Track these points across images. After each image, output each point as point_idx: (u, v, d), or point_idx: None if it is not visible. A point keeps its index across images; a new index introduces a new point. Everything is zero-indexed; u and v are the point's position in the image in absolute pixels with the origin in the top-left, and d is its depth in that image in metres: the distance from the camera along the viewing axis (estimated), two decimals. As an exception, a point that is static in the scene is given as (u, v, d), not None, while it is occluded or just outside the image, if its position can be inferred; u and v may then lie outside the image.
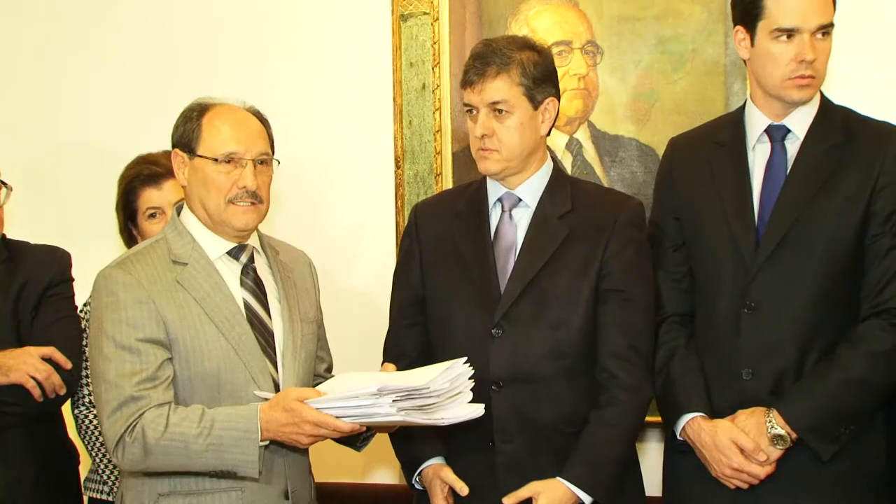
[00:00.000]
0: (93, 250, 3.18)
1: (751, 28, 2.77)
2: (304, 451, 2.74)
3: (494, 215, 2.89)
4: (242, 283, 2.68)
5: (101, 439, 3.20)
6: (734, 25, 2.84)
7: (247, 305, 2.65)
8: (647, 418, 2.88)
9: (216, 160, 2.62)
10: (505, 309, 2.78)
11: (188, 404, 2.54)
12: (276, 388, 2.63)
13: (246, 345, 2.60)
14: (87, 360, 3.15)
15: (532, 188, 2.87)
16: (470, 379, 2.53)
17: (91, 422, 3.21)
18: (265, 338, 2.65)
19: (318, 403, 2.45)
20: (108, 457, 3.21)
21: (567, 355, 2.78)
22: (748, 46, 2.80)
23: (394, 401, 2.39)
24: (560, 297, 2.78)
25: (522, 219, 2.87)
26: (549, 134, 2.88)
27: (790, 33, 2.71)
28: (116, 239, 3.35)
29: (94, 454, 3.24)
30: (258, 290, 2.69)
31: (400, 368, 2.66)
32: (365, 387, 2.40)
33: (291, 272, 2.80)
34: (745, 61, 2.86)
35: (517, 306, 2.77)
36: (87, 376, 3.19)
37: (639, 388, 2.79)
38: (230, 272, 2.67)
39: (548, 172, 2.90)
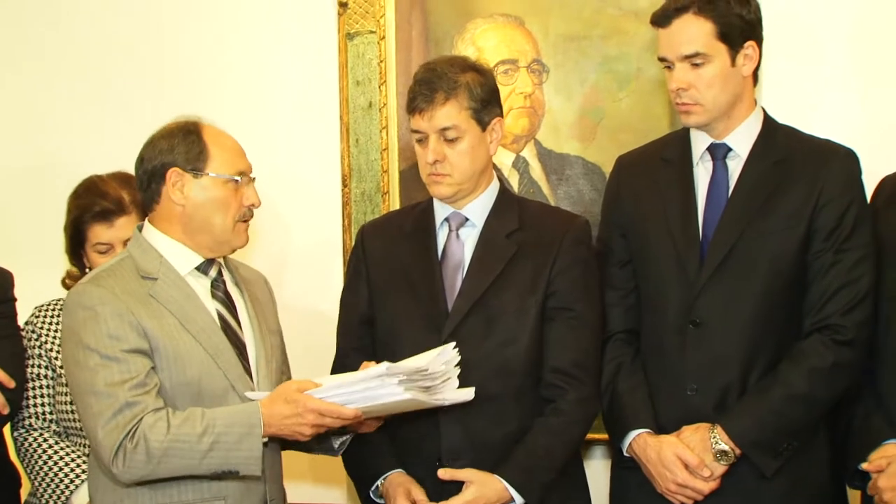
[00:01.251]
0: (35, 271, 3.14)
1: None
2: (278, 461, 2.75)
3: (441, 235, 2.90)
4: (214, 296, 2.68)
5: (39, 462, 3.10)
6: None
7: (220, 316, 2.66)
8: (594, 436, 2.89)
9: (232, 179, 2.64)
10: (452, 327, 2.78)
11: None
12: None
13: (223, 354, 2.61)
14: (32, 381, 3.13)
15: (479, 208, 2.88)
16: (457, 366, 2.59)
17: (31, 444, 3.13)
18: (238, 348, 2.66)
19: (320, 393, 2.48)
20: (46, 480, 3.11)
21: (516, 373, 2.79)
22: None
23: (399, 381, 2.44)
24: (508, 315, 2.80)
25: (469, 238, 2.87)
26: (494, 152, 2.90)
27: (665, 64, 2.81)
28: (62, 259, 3.30)
29: (32, 477, 3.17)
30: (228, 303, 2.70)
31: None
32: (372, 370, 2.47)
33: (252, 287, 2.82)
34: None
35: (465, 324, 2.77)
36: (28, 398, 3.14)
37: (585, 402, 2.81)
38: (200, 286, 2.67)
39: (494, 192, 2.91)
